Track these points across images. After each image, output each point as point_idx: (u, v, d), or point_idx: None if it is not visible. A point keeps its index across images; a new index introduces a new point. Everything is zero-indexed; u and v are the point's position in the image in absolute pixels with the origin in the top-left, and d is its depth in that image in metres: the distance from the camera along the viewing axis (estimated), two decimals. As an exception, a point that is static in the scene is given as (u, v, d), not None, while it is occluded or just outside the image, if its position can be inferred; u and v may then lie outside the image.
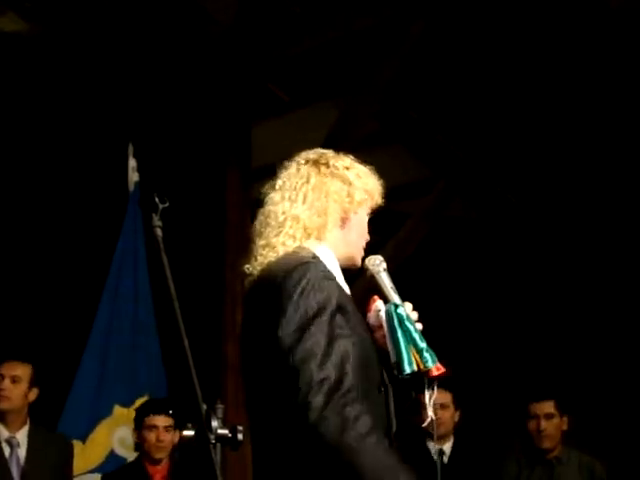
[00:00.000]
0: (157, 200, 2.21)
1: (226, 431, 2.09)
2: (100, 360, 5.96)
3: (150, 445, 5.12)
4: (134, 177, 6.11)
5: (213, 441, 2.07)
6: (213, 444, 2.07)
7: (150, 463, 5.16)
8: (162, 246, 2.18)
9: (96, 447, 5.80)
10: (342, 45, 6.27)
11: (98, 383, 5.91)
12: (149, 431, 5.13)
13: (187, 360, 2.08)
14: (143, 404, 5.50)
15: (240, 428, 2.11)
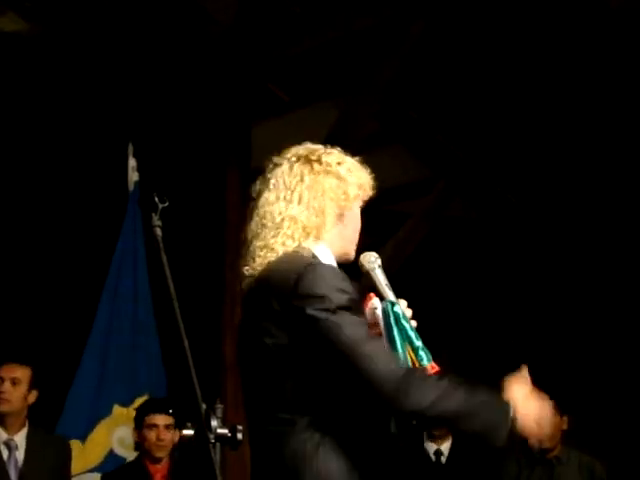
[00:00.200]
0: (157, 200, 2.21)
1: (225, 430, 2.10)
2: (100, 360, 5.96)
3: (151, 444, 5.13)
4: (134, 177, 6.11)
5: (212, 440, 2.07)
6: (212, 443, 2.07)
7: (150, 462, 5.16)
8: (162, 246, 2.18)
9: (95, 447, 5.80)
10: (342, 45, 6.27)
11: (98, 383, 5.91)
12: (150, 430, 5.13)
13: (187, 360, 2.08)
14: (143, 403, 5.51)
15: (239, 428, 2.12)
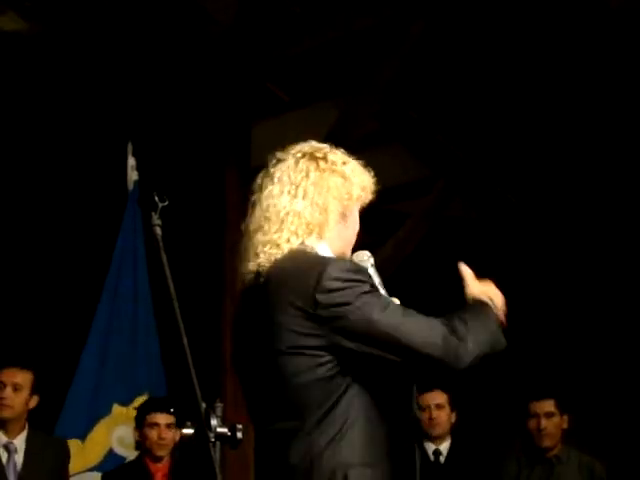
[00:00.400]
0: (156, 199, 2.21)
1: (225, 430, 2.10)
2: (99, 359, 5.96)
3: (152, 443, 5.13)
4: (133, 176, 6.10)
5: (212, 439, 2.07)
6: (212, 442, 2.07)
7: (151, 461, 5.17)
8: (161, 245, 2.18)
9: (95, 446, 5.80)
10: (342, 45, 6.27)
11: (97, 382, 5.91)
12: (151, 429, 5.14)
13: (186, 359, 2.08)
14: (145, 402, 5.50)
15: (239, 427, 2.12)
